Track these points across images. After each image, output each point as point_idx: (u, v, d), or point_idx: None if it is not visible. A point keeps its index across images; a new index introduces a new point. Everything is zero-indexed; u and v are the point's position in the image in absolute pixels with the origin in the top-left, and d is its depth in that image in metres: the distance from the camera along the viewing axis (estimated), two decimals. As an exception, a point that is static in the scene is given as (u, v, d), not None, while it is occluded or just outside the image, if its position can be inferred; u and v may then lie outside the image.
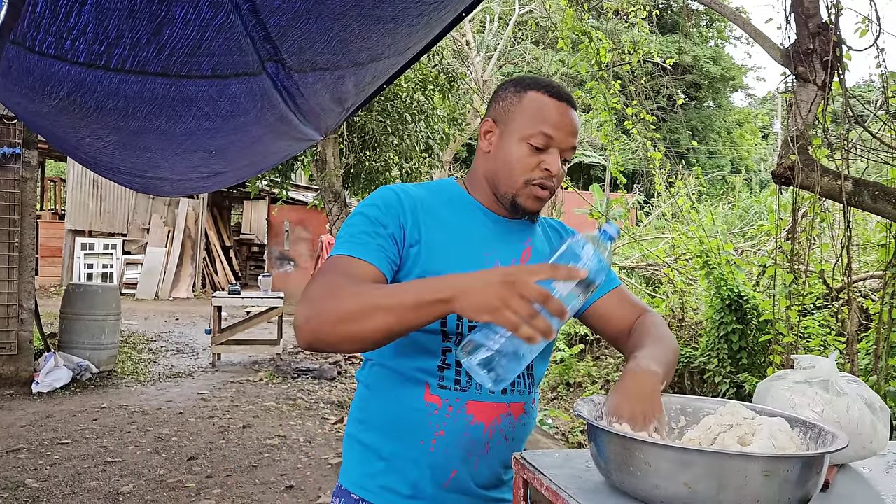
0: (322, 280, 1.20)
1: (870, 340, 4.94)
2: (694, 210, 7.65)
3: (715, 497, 0.91)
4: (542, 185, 1.32)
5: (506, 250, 1.36)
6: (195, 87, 2.23)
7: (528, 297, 0.98)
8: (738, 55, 36.57)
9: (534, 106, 1.32)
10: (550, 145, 1.31)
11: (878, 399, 1.18)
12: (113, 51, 1.85)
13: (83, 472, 4.32)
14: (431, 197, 1.36)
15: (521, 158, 1.31)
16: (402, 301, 1.08)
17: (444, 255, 1.29)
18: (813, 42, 3.40)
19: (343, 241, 1.27)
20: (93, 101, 2.19)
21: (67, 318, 7.00)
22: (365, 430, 1.38)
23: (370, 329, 1.11)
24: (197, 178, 3.90)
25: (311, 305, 1.16)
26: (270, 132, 3.12)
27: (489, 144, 1.36)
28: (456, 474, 1.31)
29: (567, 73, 9.18)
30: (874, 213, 3.53)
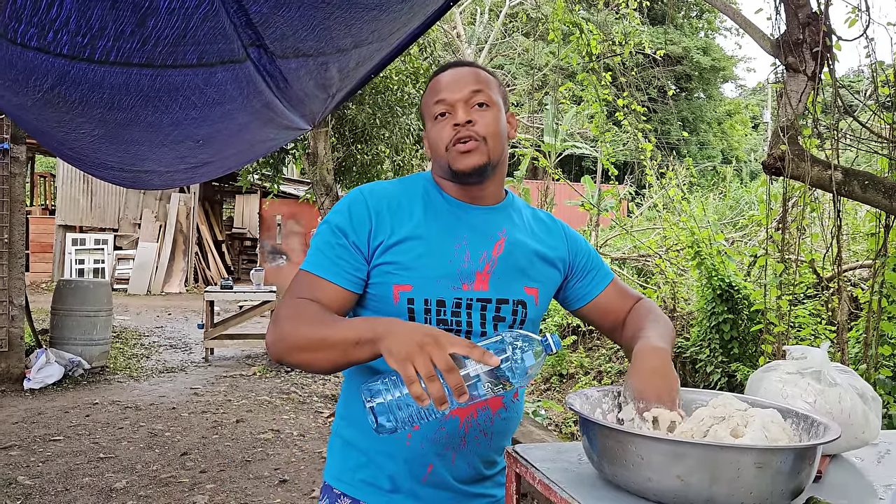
0: (289, 303, 1.27)
1: (860, 329, 4.97)
2: (685, 201, 7.67)
3: (707, 489, 0.91)
4: (459, 139, 1.32)
5: (478, 241, 1.35)
6: (181, 77, 2.20)
7: (435, 361, 1.00)
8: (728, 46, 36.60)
9: (428, 90, 1.38)
10: (449, 107, 1.33)
11: (870, 389, 1.18)
12: (97, 42, 1.83)
13: (76, 469, 4.31)
14: (403, 192, 1.37)
15: (434, 134, 1.35)
16: (345, 337, 1.14)
17: (414, 249, 1.30)
18: (803, 32, 3.40)
19: (311, 255, 1.32)
20: (77, 94, 2.17)
21: (59, 315, 6.96)
22: (346, 426, 1.41)
23: (321, 360, 1.18)
24: (185, 170, 3.87)
25: (276, 329, 1.23)
26: (257, 119, 3.10)
27: (427, 146, 1.41)
28: (433, 468, 1.31)
29: (558, 65, 9.16)
30: (864, 202, 3.54)
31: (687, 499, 0.93)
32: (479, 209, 1.38)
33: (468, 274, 1.32)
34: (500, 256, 1.35)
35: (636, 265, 9.83)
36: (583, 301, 1.48)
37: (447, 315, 1.30)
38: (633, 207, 14.12)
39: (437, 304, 1.29)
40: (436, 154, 1.35)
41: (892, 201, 3.17)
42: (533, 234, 1.44)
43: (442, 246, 1.31)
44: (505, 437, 1.39)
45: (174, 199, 15.11)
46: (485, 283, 1.33)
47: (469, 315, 1.31)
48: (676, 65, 24.04)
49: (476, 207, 1.38)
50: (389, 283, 1.29)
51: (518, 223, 1.43)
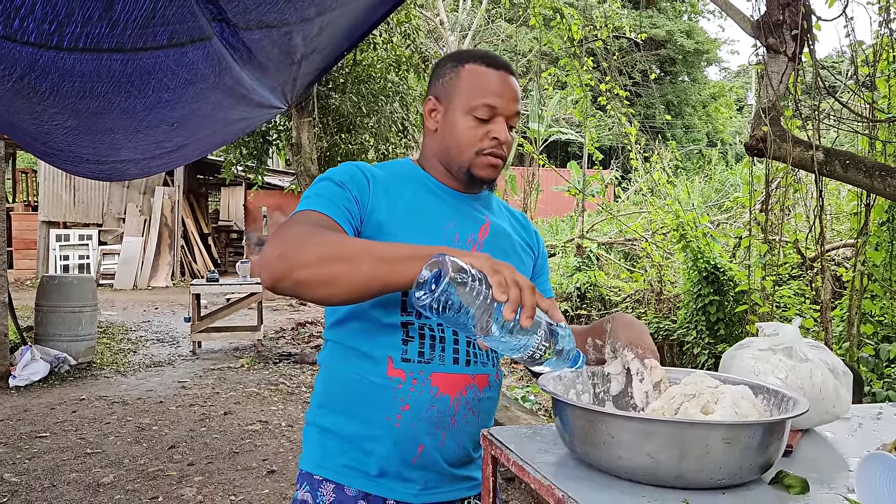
0: (296, 226, 1.17)
1: (843, 308, 5.02)
2: (670, 184, 7.69)
3: (677, 465, 0.91)
4: (493, 153, 1.34)
5: (465, 224, 1.37)
6: (152, 59, 2.18)
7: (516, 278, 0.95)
8: (711, 29, 36.61)
9: (473, 78, 1.34)
10: (495, 114, 1.32)
11: (841, 364, 1.19)
12: (64, 30, 1.80)
13: (62, 465, 4.29)
14: (389, 175, 1.37)
15: (467, 131, 1.33)
16: (397, 253, 1.04)
17: (405, 227, 1.30)
18: (783, 13, 3.41)
19: (309, 199, 1.27)
20: (48, 84, 2.13)
21: (43, 311, 6.91)
22: (326, 415, 1.37)
23: (355, 274, 1.06)
24: (161, 155, 3.83)
25: (287, 242, 1.12)
26: (229, 97, 3.07)
27: (435, 123, 1.38)
28: (423, 449, 1.29)
29: (541, 51, 9.14)
30: (846, 181, 3.56)
31: (657, 476, 0.93)
32: (464, 196, 1.40)
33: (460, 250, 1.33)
34: (485, 240, 1.38)
35: (623, 249, 9.87)
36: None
37: None
38: (619, 192, 14.15)
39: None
40: (456, 149, 1.34)
41: (873, 180, 3.19)
42: (511, 225, 1.48)
43: (432, 224, 1.33)
44: (490, 417, 1.39)
45: (158, 193, 15.00)
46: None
47: None
48: (660, 48, 24.06)
49: (461, 194, 1.40)
50: None
51: (498, 213, 1.47)
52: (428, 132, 1.41)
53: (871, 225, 4.64)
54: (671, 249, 7.74)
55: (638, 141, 7.67)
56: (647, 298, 7.82)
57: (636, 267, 8.87)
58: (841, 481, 0.99)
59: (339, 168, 1.35)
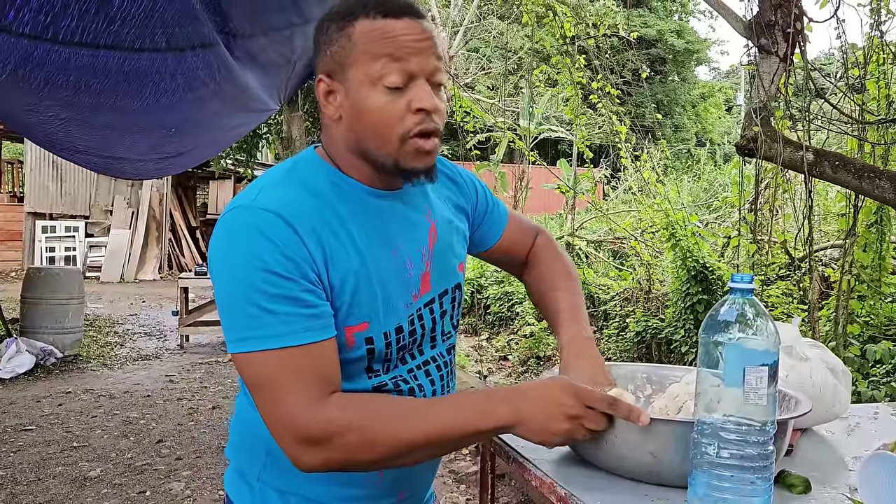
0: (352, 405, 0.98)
1: (830, 308, 5.05)
2: (660, 183, 7.71)
3: (679, 465, 0.91)
4: (422, 132, 1.02)
5: (411, 240, 1.12)
6: (149, 61, 2.16)
7: (595, 423, 0.95)
8: (702, 29, 36.76)
9: (370, 37, 1.00)
10: (412, 77, 1.00)
11: (840, 363, 1.20)
12: (60, 21, 1.78)
13: (48, 458, 4.25)
14: (314, 199, 1.04)
15: (382, 110, 1.00)
16: (462, 430, 0.97)
17: (362, 280, 1.05)
18: (775, 14, 3.42)
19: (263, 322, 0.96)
20: (42, 76, 2.11)
21: (29, 303, 6.84)
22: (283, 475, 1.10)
23: (413, 461, 1.00)
24: (157, 160, 3.81)
25: (363, 429, 0.96)
26: (229, 105, 3.06)
27: (337, 109, 1.04)
28: (404, 496, 1.17)
29: (533, 49, 9.14)
30: (834, 182, 3.59)
31: (659, 475, 0.93)
32: (399, 195, 1.11)
33: (415, 283, 1.12)
34: (436, 247, 1.15)
35: (612, 247, 9.90)
36: (484, 246, 1.33)
37: (406, 339, 1.11)
38: (609, 190, 14.19)
39: (395, 333, 1.09)
40: (373, 139, 1.02)
41: (862, 182, 3.21)
42: (447, 202, 1.23)
43: (387, 262, 1.08)
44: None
45: (146, 186, 14.89)
46: (427, 284, 1.14)
47: (423, 328, 1.13)
48: (651, 48, 24.13)
49: (396, 194, 1.11)
50: (339, 325, 1.03)
51: (432, 193, 1.19)
52: (329, 121, 1.06)
53: (859, 226, 4.68)
54: (660, 248, 7.77)
55: (628, 139, 7.69)
56: (635, 297, 7.84)
57: (625, 265, 8.90)
58: (841, 481, 1.00)
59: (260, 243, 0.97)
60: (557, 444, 0.96)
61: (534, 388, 0.98)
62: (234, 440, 1.20)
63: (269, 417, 0.98)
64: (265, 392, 0.97)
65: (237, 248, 0.97)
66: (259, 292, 0.95)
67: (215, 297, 1.02)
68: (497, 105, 16.23)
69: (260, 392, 0.98)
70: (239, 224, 0.98)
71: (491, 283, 8.97)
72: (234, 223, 0.99)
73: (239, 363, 0.99)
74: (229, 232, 0.99)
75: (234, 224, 0.99)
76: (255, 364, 0.96)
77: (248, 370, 0.98)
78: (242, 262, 0.96)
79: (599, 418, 0.95)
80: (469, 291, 9.39)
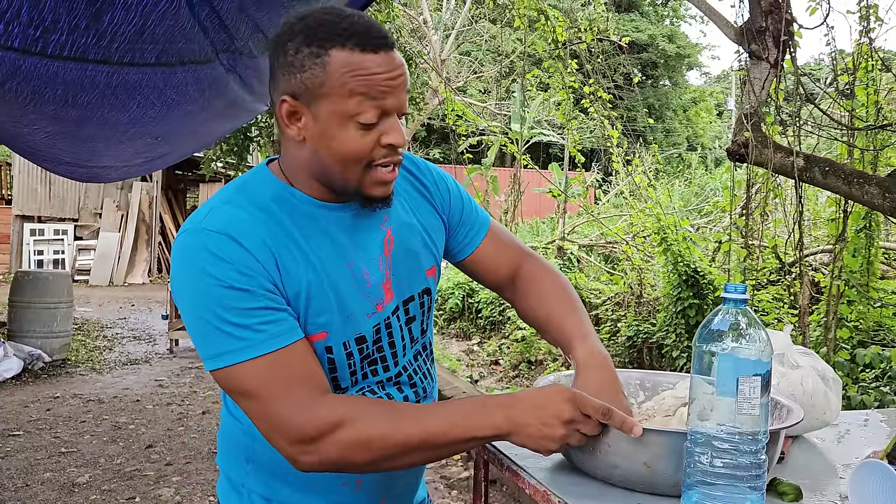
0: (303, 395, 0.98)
1: (821, 313, 5.08)
2: (651, 188, 7.74)
3: (673, 475, 0.91)
4: (386, 163, 1.04)
5: (365, 249, 1.12)
6: (139, 75, 2.15)
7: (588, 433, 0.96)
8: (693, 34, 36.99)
9: (346, 72, 0.98)
10: (385, 114, 1.01)
11: (831, 371, 1.20)
12: (49, 36, 1.76)
13: (36, 464, 4.21)
14: (263, 214, 1.05)
15: (351, 143, 1.01)
16: (456, 436, 0.97)
17: (318, 292, 1.06)
18: (765, 20, 3.44)
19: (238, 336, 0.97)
20: (29, 90, 2.09)
21: (16, 307, 6.79)
22: (267, 482, 1.13)
23: (407, 463, 1.00)
24: (141, 163, 3.80)
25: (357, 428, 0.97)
26: (220, 118, 3.05)
27: (300, 131, 1.03)
28: (385, 502, 1.18)
29: (525, 52, 9.16)
30: (824, 188, 3.60)
31: (653, 484, 0.93)
32: (349, 206, 1.10)
33: (377, 291, 1.11)
34: (392, 253, 1.14)
35: (603, 251, 9.92)
36: (459, 255, 1.28)
37: (370, 348, 1.11)
38: (601, 194, 14.23)
39: (356, 343, 1.09)
40: (338, 167, 1.03)
41: (851, 187, 3.22)
42: (409, 204, 1.20)
43: (342, 274, 1.08)
44: None
45: (136, 188, 14.82)
46: (390, 292, 1.13)
47: (391, 336, 1.13)
48: (642, 52, 24.23)
49: (346, 206, 1.10)
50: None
51: (395, 199, 1.14)
52: (290, 141, 1.05)
53: (848, 231, 4.71)
54: (651, 252, 7.80)
55: (620, 143, 7.72)
56: (626, 301, 7.86)
57: (616, 269, 8.92)
58: (832, 488, 1.00)
59: (213, 259, 0.99)
60: (553, 450, 0.96)
61: (529, 396, 0.98)
62: (220, 449, 1.23)
63: (262, 424, 0.99)
64: (253, 401, 0.98)
65: (192, 271, 1.00)
66: (223, 308, 0.97)
67: (184, 322, 1.03)
68: (489, 108, 16.25)
69: (248, 402, 0.99)
70: (189, 248, 1.01)
71: (482, 288, 8.97)
72: (185, 247, 1.01)
73: (220, 379, 1.00)
74: (183, 256, 1.02)
75: (186, 248, 1.01)
76: (237, 376, 0.98)
77: (231, 384, 1.00)
78: (200, 284, 0.98)
79: (594, 425, 0.95)
80: (460, 296, 9.39)
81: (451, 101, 9.24)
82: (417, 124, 16.25)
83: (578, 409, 0.95)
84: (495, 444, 1.14)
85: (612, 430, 0.94)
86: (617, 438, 0.94)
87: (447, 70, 16.08)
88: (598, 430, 0.95)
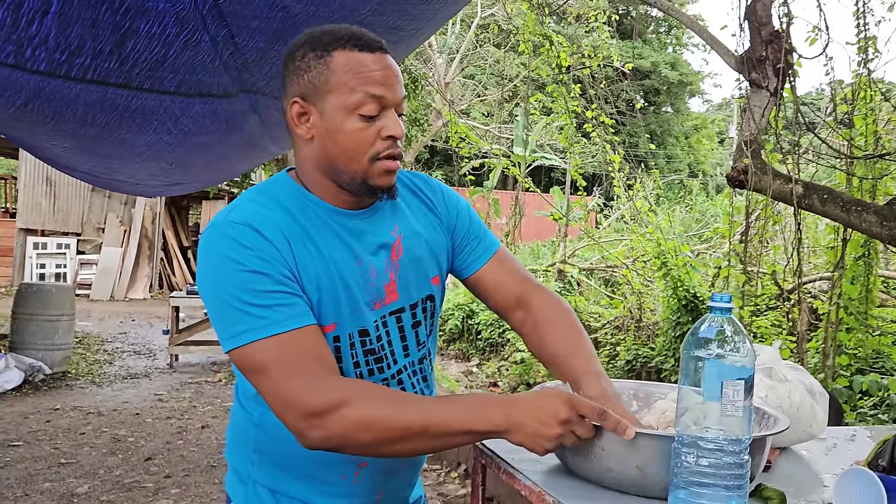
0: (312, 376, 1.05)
1: (819, 339, 5.10)
2: (652, 213, 7.80)
3: (663, 478, 0.95)
4: (390, 155, 1.14)
5: (373, 254, 1.20)
6: (157, 102, 2.21)
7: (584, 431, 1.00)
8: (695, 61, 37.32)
9: (347, 68, 1.11)
10: (384, 107, 1.13)
11: (818, 385, 1.24)
12: (74, 60, 1.83)
13: (36, 474, 4.23)
14: (282, 212, 1.15)
15: (355, 135, 1.12)
16: (454, 428, 1.02)
17: (328, 284, 1.14)
18: (766, 49, 3.51)
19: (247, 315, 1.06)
20: (50, 110, 2.16)
21: (19, 319, 6.83)
22: (270, 472, 1.21)
23: (406, 449, 1.06)
24: (157, 186, 3.86)
25: (361, 406, 1.02)
26: (236, 153, 3.11)
27: (309, 129, 1.14)
28: (381, 495, 1.24)
29: (528, 77, 9.27)
30: (823, 215, 3.65)
31: (644, 487, 0.97)
32: (364, 213, 1.20)
33: (379, 290, 1.20)
34: (400, 259, 1.22)
35: (603, 275, 9.95)
36: (463, 273, 1.34)
37: (373, 343, 1.19)
38: (602, 219, 14.29)
39: (360, 335, 1.17)
40: (344, 160, 1.13)
41: (850, 215, 3.27)
42: (421, 214, 1.29)
43: (351, 269, 1.16)
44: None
45: (139, 204, 14.90)
46: (394, 293, 1.22)
47: (388, 334, 1.21)
48: (645, 79, 24.45)
49: (361, 212, 1.20)
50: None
51: (405, 210, 1.27)
52: (300, 140, 1.16)
53: (846, 259, 4.75)
54: (651, 277, 7.83)
55: (621, 168, 7.79)
56: (626, 325, 7.89)
57: (616, 293, 8.95)
58: (816, 496, 1.04)
59: (231, 244, 1.09)
60: (549, 449, 1.00)
61: (528, 397, 1.04)
62: (229, 442, 1.30)
63: (273, 398, 1.06)
64: (266, 377, 1.06)
65: (217, 258, 1.09)
66: (243, 290, 1.06)
67: (206, 308, 1.11)
68: (492, 132, 16.37)
69: (262, 379, 1.06)
70: (215, 237, 1.11)
71: (483, 309, 8.99)
72: (212, 238, 1.11)
73: (237, 358, 1.08)
74: (209, 245, 1.12)
75: (212, 238, 1.11)
76: (253, 354, 1.06)
77: (247, 362, 1.07)
78: (223, 269, 1.08)
79: (588, 427, 1.00)
80: (460, 317, 9.41)
81: (455, 123, 9.34)
82: (421, 146, 16.36)
83: (574, 410, 0.99)
84: (493, 449, 1.18)
85: (606, 434, 0.99)
86: (611, 442, 0.98)
87: (451, 93, 16.22)
88: (592, 433, 1.00)
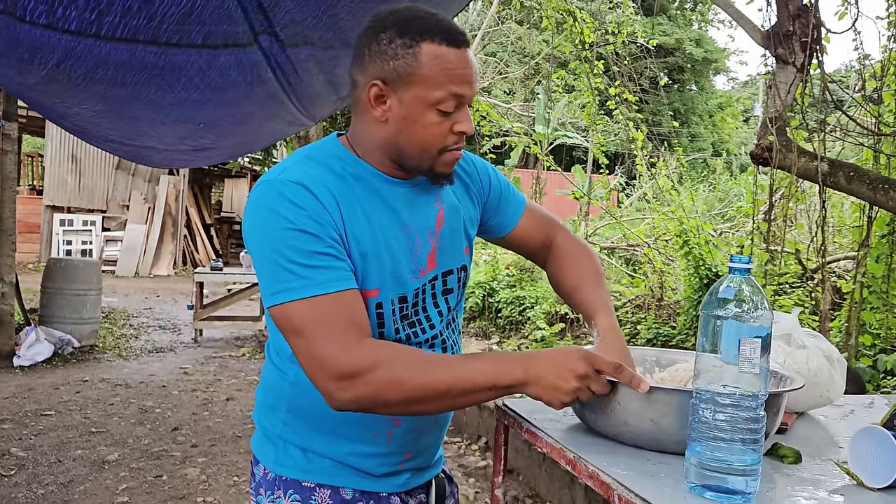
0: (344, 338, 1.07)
1: (842, 319, 5.07)
2: (675, 191, 7.75)
3: (677, 432, 0.98)
4: (457, 147, 1.19)
5: (420, 220, 1.24)
6: (184, 56, 2.25)
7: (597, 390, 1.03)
8: (720, 38, 36.72)
9: (435, 64, 1.12)
10: (462, 104, 1.15)
11: (836, 352, 1.26)
12: (104, 18, 1.87)
13: (68, 442, 4.36)
14: (333, 176, 1.17)
15: (432, 128, 1.15)
16: (480, 383, 1.06)
17: (375, 249, 1.17)
18: (793, 24, 3.46)
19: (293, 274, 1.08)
20: (82, 70, 2.20)
21: (48, 293, 6.98)
22: (302, 432, 1.24)
23: (434, 408, 1.10)
24: (185, 151, 3.91)
25: (391, 368, 1.06)
26: (261, 110, 3.14)
27: (385, 112, 1.15)
28: (412, 454, 1.28)
29: (551, 54, 9.21)
30: (849, 193, 3.62)
31: (658, 441, 1.00)
32: (410, 183, 1.24)
33: (422, 259, 1.24)
34: (442, 229, 1.27)
35: (625, 254, 9.93)
36: (501, 232, 1.44)
37: (408, 310, 1.22)
38: (623, 197, 14.22)
39: (399, 302, 1.21)
40: (415, 148, 1.16)
41: (876, 193, 3.24)
42: (457, 184, 1.34)
43: (398, 238, 1.20)
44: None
45: (163, 182, 15.07)
46: (433, 262, 1.26)
47: (424, 301, 1.24)
48: (669, 56, 24.11)
49: (407, 182, 1.23)
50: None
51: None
52: (370, 120, 1.17)
53: (872, 237, 4.70)
54: (673, 256, 7.80)
55: (644, 146, 7.74)
56: (647, 304, 7.88)
57: (638, 272, 8.93)
58: (832, 455, 1.06)
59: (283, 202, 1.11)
60: (566, 402, 1.03)
61: (547, 352, 1.08)
62: (259, 402, 1.32)
63: (306, 359, 1.08)
64: (302, 337, 1.08)
65: (267, 214, 1.11)
66: (290, 249, 1.08)
67: (253, 263, 1.14)
68: (513, 110, 16.29)
69: (297, 338, 1.09)
70: (266, 194, 1.13)
71: (503, 287, 9.02)
72: (262, 194, 1.13)
73: (276, 314, 1.10)
74: (259, 201, 1.13)
75: (263, 195, 1.13)
76: (292, 313, 1.08)
77: (286, 320, 1.09)
78: (273, 225, 1.10)
79: (604, 383, 1.03)
80: (481, 295, 9.45)
81: (476, 101, 9.31)
82: (442, 124, 16.29)
83: (592, 365, 1.03)
84: (515, 409, 1.21)
85: (622, 389, 1.02)
86: (627, 397, 1.01)
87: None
88: (608, 389, 1.03)
